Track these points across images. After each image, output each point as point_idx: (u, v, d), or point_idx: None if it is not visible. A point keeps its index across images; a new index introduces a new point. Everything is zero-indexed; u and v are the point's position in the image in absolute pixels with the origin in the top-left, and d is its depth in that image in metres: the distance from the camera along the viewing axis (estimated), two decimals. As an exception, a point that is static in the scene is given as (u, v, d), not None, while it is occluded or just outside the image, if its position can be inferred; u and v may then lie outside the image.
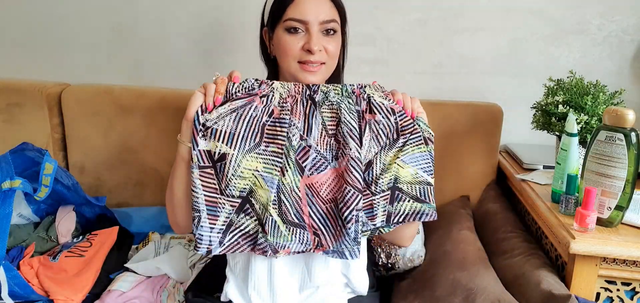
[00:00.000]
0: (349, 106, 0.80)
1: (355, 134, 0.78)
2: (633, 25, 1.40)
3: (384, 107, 0.81)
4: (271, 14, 0.93)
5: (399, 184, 0.81)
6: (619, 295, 0.90)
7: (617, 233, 0.88)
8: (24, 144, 1.13)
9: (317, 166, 0.78)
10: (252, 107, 0.78)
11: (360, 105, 0.81)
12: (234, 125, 0.77)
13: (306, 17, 0.88)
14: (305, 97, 0.80)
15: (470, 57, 1.46)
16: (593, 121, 1.05)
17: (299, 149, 0.78)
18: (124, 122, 1.37)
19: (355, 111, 0.80)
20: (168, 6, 1.47)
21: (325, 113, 0.80)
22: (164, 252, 1.17)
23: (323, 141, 0.79)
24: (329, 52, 0.91)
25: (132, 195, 1.41)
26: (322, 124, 0.79)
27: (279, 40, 0.91)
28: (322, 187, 0.79)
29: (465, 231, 1.14)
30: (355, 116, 0.80)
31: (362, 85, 0.83)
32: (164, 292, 1.06)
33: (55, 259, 1.06)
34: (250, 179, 0.77)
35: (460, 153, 1.34)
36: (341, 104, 0.80)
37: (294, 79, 0.93)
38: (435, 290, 0.96)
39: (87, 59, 1.53)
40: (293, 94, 0.80)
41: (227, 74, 0.85)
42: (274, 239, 0.77)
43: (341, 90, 0.81)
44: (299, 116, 0.79)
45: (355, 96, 0.81)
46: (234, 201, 0.77)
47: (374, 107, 0.81)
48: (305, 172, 0.78)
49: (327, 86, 0.81)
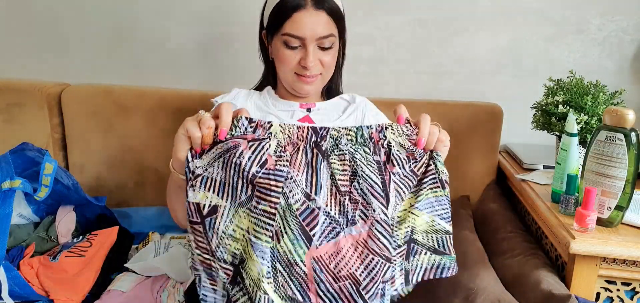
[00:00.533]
0: (366, 156, 0.66)
1: (377, 191, 0.64)
2: (633, 26, 1.40)
3: (402, 158, 0.68)
4: (270, 22, 0.94)
5: (414, 236, 0.68)
6: (619, 295, 0.90)
7: (617, 233, 0.88)
8: (24, 144, 1.13)
9: (327, 233, 0.63)
10: (237, 152, 0.63)
11: (379, 154, 0.67)
12: (224, 173, 0.63)
13: (303, 34, 0.88)
14: (310, 145, 0.65)
15: (470, 57, 1.46)
16: (593, 121, 1.05)
17: (305, 213, 0.63)
18: (124, 122, 1.37)
19: (375, 163, 0.66)
20: (168, 6, 1.47)
21: (335, 165, 0.65)
22: (164, 252, 1.17)
23: (334, 201, 0.64)
24: (324, 64, 0.92)
25: (132, 195, 1.41)
26: (331, 179, 0.64)
27: (276, 50, 0.92)
28: (333, 260, 0.63)
29: (465, 231, 1.14)
30: (375, 168, 0.65)
31: (382, 127, 0.68)
32: (164, 292, 1.06)
33: (55, 259, 1.06)
34: (242, 243, 0.63)
35: (460, 153, 1.34)
36: (356, 155, 0.65)
37: (290, 87, 0.94)
38: (435, 290, 0.96)
39: (87, 59, 1.53)
40: (295, 141, 0.65)
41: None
42: None
43: (356, 135, 0.66)
44: (302, 169, 0.64)
45: (373, 144, 0.67)
46: (227, 268, 0.63)
47: (393, 158, 0.67)
48: (314, 243, 0.62)
49: (339, 130, 0.66)
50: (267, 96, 1.01)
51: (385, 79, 1.48)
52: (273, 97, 1.00)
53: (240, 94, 1.01)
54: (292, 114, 0.97)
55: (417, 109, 1.33)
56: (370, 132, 0.67)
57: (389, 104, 1.31)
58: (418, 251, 0.69)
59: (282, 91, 1.02)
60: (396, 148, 0.68)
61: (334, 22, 0.92)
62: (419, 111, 1.32)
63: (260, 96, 1.01)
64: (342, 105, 1.02)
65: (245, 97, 1.01)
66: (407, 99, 1.39)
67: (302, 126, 0.66)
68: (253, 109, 0.98)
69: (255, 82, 1.08)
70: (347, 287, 0.63)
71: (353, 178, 0.65)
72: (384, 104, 1.18)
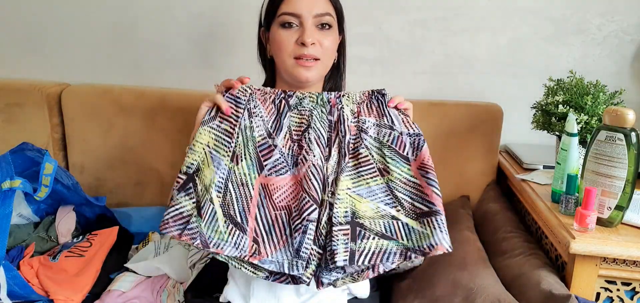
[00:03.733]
0: (321, 114, 0.78)
1: (322, 142, 0.76)
2: (633, 25, 1.40)
3: (348, 123, 0.79)
4: (266, 11, 0.94)
5: (358, 220, 0.74)
6: (619, 295, 0.90)
7: (617, 233, 0.88)
8: (23, 144, 1.13)
9: (278, 168, 0.75)
10: None
11: (333, 115, 0.78)
12: None
13: (299, 10, 0.88)
14: (280, 98, 0.79)
15: (470, 57, 1.46)
16: (593, 121, 1.05)
17: (264, 146, 0.76)
18: (124, 122, 1.37)
19: (327, 120, 0.78)
20: (168, 6, 1.47)
21: (293, 118, 0.78)
22: (164, 252, 1.16)
23: (286, 144, 0.77)
24: (323, 47, 0.90)
25: (132, 195, 1.41)
26: (288, 128, 0.78)
27: (274, 36, 0.92)
28: (276, 191, 0.75)
29: (465, 231, 1.14)
30: (326, 125, 0.78)
31: (340, 95, 0.80)
32: (164, 292, 1.06)
33: (55, 259, 1.06)
34: (199, 154, 0.74)
35: (460, 153, 1.34)
36: (313, 111, 0.78)
37: (290, 76, 0.93)
38: (435, 290, 0.96)
39: (87, 59, 1.53)
40: (268, 92, 0.80)
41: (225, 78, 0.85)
42: (208, 231, 0.71)
43: (317, 98, 0.79)
44: (270, 113, 0.78)
45: (330, 106, 0.79)
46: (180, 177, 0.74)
47: (341, 118, 0.78)
48: (264, 171, 0.75)
49: (304, 92, 0.80)
50: None
51: (385, 79, 1.48)
52: None
53: None
54: None
55: (417, 109, 1.33)
56: (329, 97, 0.79)
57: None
58: (366, 236, 0.74)
59: None
60: (347, 111, 0.79)
61: (332, 5, 0.93)
62: (419, 111, 1.33)
63: None
64: None
65: None
66: (407, 99, 1.39)
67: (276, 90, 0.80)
68: None
69: (254, 81, 1.07)
70: (281, 216, 0.74)
71: (306, 129, 0.77)
72: (384, 104, 1.18)
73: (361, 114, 0.79)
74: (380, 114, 0.80)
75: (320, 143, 0.75)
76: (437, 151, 1.34)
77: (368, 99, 0.81)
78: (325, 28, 0.91)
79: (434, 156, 1.32)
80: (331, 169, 0.75)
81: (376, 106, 0.81)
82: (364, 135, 0.78)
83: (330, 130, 0.77)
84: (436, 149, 1.34)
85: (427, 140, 1.33)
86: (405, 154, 0.77)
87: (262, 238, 0.73)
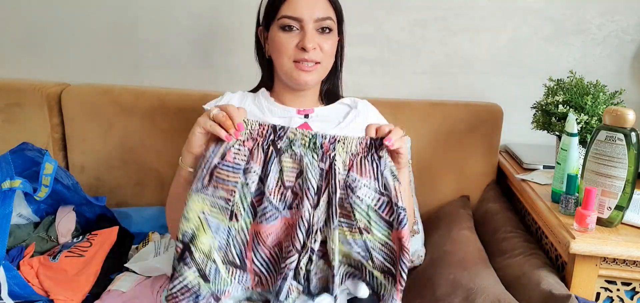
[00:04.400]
0: (312, 161, 0.73)
1: (311, 194, 0.72)
2: (633, 25, 1.40)
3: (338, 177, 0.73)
4: (266, 12, 0.93)
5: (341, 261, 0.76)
6: (619, 295, 0.90)
7: (617, 233, 0.88)
8: (24, 144, 1.13)
9: (267, 216, 0.73)
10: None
11: (325, 163, 0.73)
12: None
13: (300, 14, 0.87)
14: (268, 142, 0.74)
15: (470, 57, 1.46)
16: (593, 121, 1.05)
17: (257, 193, 0.73)
18: (124, 122, 1.37)
19: (318, 168, 0.73)
20: (168, 6, 1.47)
21: (286, 163, 0.73)
22: (164, 252, 1.16)
23: (277, 191, 0.73)
24: (324, 51, 0.90)
25: (132, 195, 1.41)
26: (279, 173, 0.73)
27: (273, 38, 0.91)
28: (268, 237, 0.74)
29: (465, 231, 1.14)
30: (317, 173, 0.73)
31: (335, 139, 0.74)
32: (164, 292, 1.05)
33: (55, 259, 1.06)
34: (194, 222, 0.71)
35: (460, 153, 1.34)
36: (305, 158, 0.73)
37: (288, 79, 0.93)
38: (435, 290, 0.96)
39: (87, 59, 1.53)
40: (255, 137, 0.74)
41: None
42: (216, 286, 0.73)
43: (309, 141, 0.74)
44: (260, 162, 0.73)
45: (323, 152, 0.74)
46: (178, 245, 0.72)
47: (332, 170, 0.73)
48: (256, 218, 0.73)
49: (296, 133, 0.74)
50: (262, 99, 0.98)
51: (385, 79, 1.48)
52: (268, 101, 0.98)
53: (234, 99, 0.99)
54: (289, 120, 0.95)
55: (417, 109, 1.35)
56: (322, 141, 0.74)
57: (389, 104, 1.32)
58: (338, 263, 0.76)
59: (279, 93, 1.00)
60: (339, 163, 0.73)
61: (332, 7, 0.92)
62: (419, 111, 1.34)
63: (254, 99, 0.99)
64: (342, 111, 1.00)
65: (239, 101, 0.99)
66: (407, 99, 1.39)
67: (264, 124, 0.74)
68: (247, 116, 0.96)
69: (254, 81, 1.08)
70: (275, 251, 0.75)
71: (299, 175, 0.73)
72: (385, 105, 1.18)
73: (353, 169, 0.74)
74: (373, 176, 0.74)
75: (309, 195, 0.72)
76: (437, 151, 1.34)
77: (364, 153, 0.75)
78: (326, 32, 0.90)
79: (434, 156, 1.34)
80: (317, 218, 0.73)
81: (370, 166, 0.74)
82: (350, 192, 0.73)
83: (320, 179, 0.73)
84: (436, 149, 1.34)
85: (427, 140, 1.34)
86: (391, 220, 0.74)
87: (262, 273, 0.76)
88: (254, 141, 0.74)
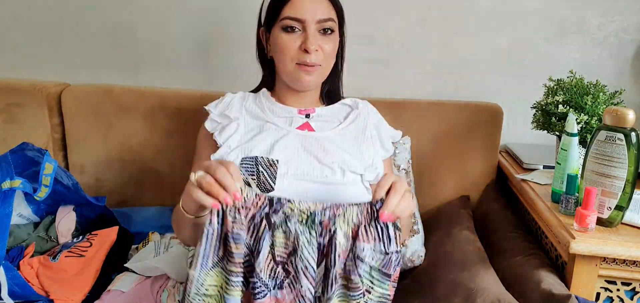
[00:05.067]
0: (309, 239, 0.69)
1: (310, 274, 0.68)
2: (633, 26, 1.40)
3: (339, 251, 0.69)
4: (268, 13, 0.93)
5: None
6: (619, 295, 0.90)
7: (617, 233, 0.88)
8: (23, 144, 1.13)
9: (256, 292, 0.68)
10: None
11: (324, 238, 0.69)
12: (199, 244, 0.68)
13: (303, 15, 0.87)
14: (261, 215, 0.69)
15: (470, 57, 1.46)
16: (593, 121, 1.05)
17: (247, 263, 0.69)
18: (124, 122, 1.37)
19: (316, 244, 0.69)
20: (168, 6, 1.47)
21: (278, 239, 0.69)
22: (164, 252, 1.16)
23: (267, 267, 0.69)
24: (325, 52, 0.90)
25: (132, 195, 1.41)
26: (270, 247, 0.69)
27: (275, 39, 0.91)
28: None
29: (465, 231, 1.14)
30: (315, 250, 0.69)
31: (335, 215, 0.70)
32: (164, 292, 1.06)
33: (55, 259, 1.06)
34: (216, 298, 0.68)
35: (460, 153, 1.34)
36: (301, 237, 0.68)
37: (291, 80, 0.93)
38: (435, 290, 0.96)
39: (87, 59, 1.53)
40: (248, 206, 0.69)
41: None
42: None
43: (307, 218, 0.69)
44: (251, 235, 0.69)
45: (322, 228, 0.69)
46: None
47: (332, 244, 0.69)
48: (248, 288, 0.70)
49: (294, 208, 0.70)
50: (263, 100, 0.99)
51: (385, 79, 1.48)
52: (270, 101, 0.98)
53: (235, 100, 0.99)
54: (290, 121, 0.95)
55: (417, 109, 1.35)
56: (322, 219, 0.69)
57: (389, 104, 1.32)
58: None
59: (281, 94, 1.00)
60: (340, 236, 0.69)
61: (334, 9, 0.92)
62: (419, 111, 1.34)
63: (255, 99, 1.00)
64: (343, 111, 1.00)
65: (239, 102, 0.99)
66: (407, 99, 1.39)
67: (260, 194, 0.70)
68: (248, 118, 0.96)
69: (254, 81, 1.08)
70: None
71: (293, 253, 0.69)
72: (385, 105, 1.18)
73: (359, 239, 0.70)
74: (378, 238, 0.71)
75: (309, 274, 0.68)
76: (437, 151, 1.34)
77: (367, 220, 0.70)
78: (328, 33, 0.91)
79: (434, 156, 1.34)
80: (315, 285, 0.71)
81: (375, 230, 0.71)
82: (360, 262, 0.69)
83: (319, 254, 0.69)
84: (436, 149, 1.34)
85: (427, 140, 1.34)
86: (390, 272, 0.72)
87: None
88: (246, 210, 0.69)
